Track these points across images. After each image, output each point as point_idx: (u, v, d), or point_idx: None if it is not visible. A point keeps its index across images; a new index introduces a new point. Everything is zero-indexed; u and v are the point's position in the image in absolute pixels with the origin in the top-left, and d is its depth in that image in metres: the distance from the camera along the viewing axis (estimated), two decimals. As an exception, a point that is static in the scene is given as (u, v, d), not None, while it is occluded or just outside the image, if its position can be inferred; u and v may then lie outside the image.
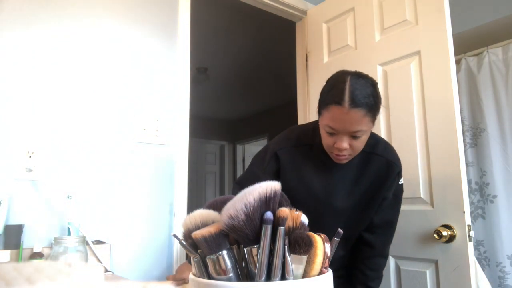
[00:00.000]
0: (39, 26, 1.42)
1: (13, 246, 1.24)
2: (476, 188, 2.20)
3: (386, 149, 1.19)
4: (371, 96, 0.99)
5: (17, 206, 1.30)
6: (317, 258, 0.54)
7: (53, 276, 0.17)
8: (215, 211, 0.60)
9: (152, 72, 1.68)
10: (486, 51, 2.23)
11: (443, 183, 1.49)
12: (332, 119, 1.00)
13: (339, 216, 1.15)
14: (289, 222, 0.55)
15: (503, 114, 2.15)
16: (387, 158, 1.17)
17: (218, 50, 3.67)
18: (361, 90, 0.98)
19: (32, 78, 1.39)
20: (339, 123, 0.99)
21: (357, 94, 0.97)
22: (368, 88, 1.00)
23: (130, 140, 1.58)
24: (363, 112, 0.98)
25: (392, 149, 1.23)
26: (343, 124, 0.99)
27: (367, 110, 0.98)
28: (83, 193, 1.44)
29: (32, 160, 1.34)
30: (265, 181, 0.56)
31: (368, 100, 0.98)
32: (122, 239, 1.50)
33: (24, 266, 0.20)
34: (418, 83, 1.63)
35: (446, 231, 1.44)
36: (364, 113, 0.98)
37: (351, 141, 1.02)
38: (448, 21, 1.54)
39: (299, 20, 2.34)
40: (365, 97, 0.98)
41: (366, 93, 0.98)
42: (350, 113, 0.97)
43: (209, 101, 5.11)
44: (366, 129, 1.02)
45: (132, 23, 1.65)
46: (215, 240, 0.53)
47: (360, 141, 1.04)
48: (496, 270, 2.06)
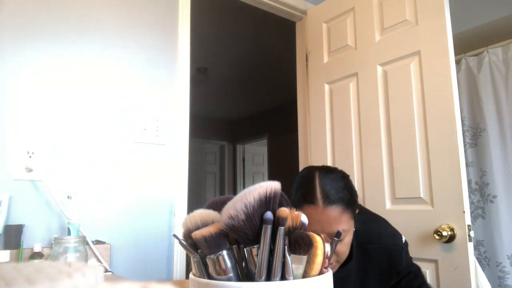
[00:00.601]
0: (39, 25, 1.42)
1: (13, 246, 1.24)
2: (476, 188, 2.20)
3: (381, 236, 1.08)
4: (345, 190, 0.92)
5: (17, 206, 1.30)
6: (317, 258, 0.54)
7: (53, 276, 0.17)
8: (215, 211, 0.60)
9: (152, 72, 1.68)
10: (486, 51, 2.23)
11: (443, 183, 1.49)
12: (309, 220, 0.93)
13: None
14: (289, 222, 0.55)
15: (503, 114, 2.15)
16: (385, 247, 1.06)
17: (218, 50, 3.67)
18: (333, 185, 0.91)
19: (32, 78, 1.39)
20: (316, 225, 0.88)
21: (329, 190, 0.90)
22: (339, 182, 0.93)
23: (130, 140, 1.58)
24: (340, 209, 0.89)
25: (386, 229, 1.12)
26: (321, 226, 0.88)
27: (344, 206, 0.90)
28: (83, 193, 1.44)
29: (32, 160, 1.34)
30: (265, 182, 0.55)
31: (343, 195, 0.91)
32: (122, 239, 1.50)
33: (24, 266, 0.20)
34: (418, 83, 1.63)
35: (446, 231, 1.44)
36: (341, 210, 0.89)
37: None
38: (448, 21, 1.54)
39: (299, 20, 2.34)
40: (338, 191, 0.90)
41: (339, 187, 0.92)
42: (326, 212, 0.88)
43: (209, 101, 5.11)
44: (348, 228, 0.92)
45: (132, 22, 1.65)
46: (215, 240, 0.53)
47: (344, 244, 0.93)
48: (496, 270, 2.06)
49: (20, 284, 0.16)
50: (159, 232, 1.61)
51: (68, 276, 0.18)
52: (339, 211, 0.89)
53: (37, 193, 1.35)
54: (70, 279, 0.17)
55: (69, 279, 0.17)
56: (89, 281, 0.18)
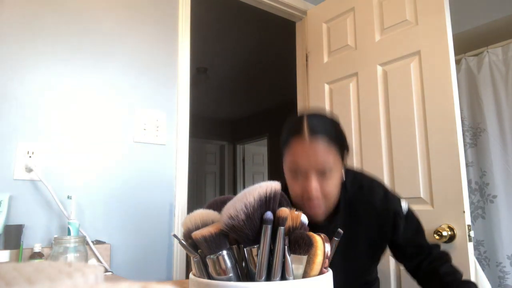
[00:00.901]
0: (39, 26, 1.42)
1: (13, 246, 1.24)
2: (476, 188, 2.20)
3: (371, 193, 1.04)
4: (332, 127, 0.93)
5: (17, 206, 1.30)
6: (317, 258, 0.54)
7: (53, 276, 0.17)
8: (215, 211, 0.60)
9: (152, 71, 1.68)
10: (486, 51, 2.23)
11: (443, 183, 1.49)
12: (294, 154, 0.90)
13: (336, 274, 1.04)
14: (289, 222, 0.55)
15: (503, 114, 2.15)
16: (375, 205, 1.03)
17: (218, 50, 3.67)
18: (320, 121, 0.93)
19: (31, 78, 1.39)
20: (302, 157, 0.89)
21: (315, 124, 0.90)
22: (327, 121, 0.95)
23: (130, 140, 1.58)
24: (325, 140, 0.89)
25: (378, 188, 1.07)
26: (307, 158, 0.88)
27: (329, 139, 0.89)
28: (83, 193, 1.44)
29: (32, 160, 1.34)
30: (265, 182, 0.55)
31: (330, 129, 0.91)
32: (122, 239, 1.50)
33: (24, 266, 0.20)
34: (418, 83, 1.63)
35: (446, 231, 1.44)
36: (327, 142, 0.89)
37: (321, 182, 0.89)
38: (448, 21, 1.54)
39: (299, 20, 2.34)
40: (325, 127, 0.91)
41: (327, 123, 0.93)
42: (312, 143, 0.88)
43: (209, 101, 5.11)
44: (334, 165, 0.90)
45: (132, 22, 1.65)
46: (215, 240, 0.53)
47: (331, 182, 0.91)
48: (496, 270, 2.06)
49: (20, 284, 0.16)
50: (159, 232, 1.61)
51: (68, 276, 0.18)
52: (324, 144, 0.89)
53: (37, 193, 1.35)
54: (70, 279, 0.17)
55: (69, 279, 0.17)
56: (89, 281, 0.18)
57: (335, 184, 0.92)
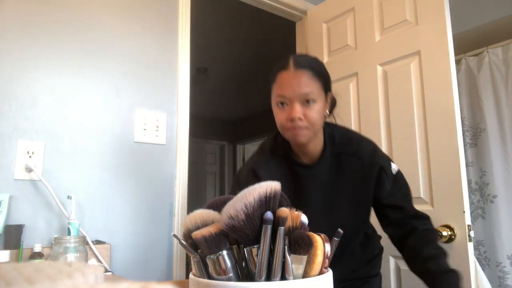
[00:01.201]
0: (39, 26, 1.42)
1: (13, 246, 1.24)
2: (476, 188, 2.20)
3: (359, 146, 1.09)
4: (316, 64, 1.01)
5: (17, 206, 1.30)
6: (317, 258, 0.54)
7: (53, 276, 0.17)
8: (215, 211, 0.60)
9: (152, 71, 1.68)
10: (486, 51, 2.23)
11: (443, 183, 1.49)
12: (280, 86, 0.98)
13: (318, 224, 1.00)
14: (289, 222, 0.55)
15: (503, 114, 2.15)
16: (361, 157, 1.06)
17: (218, 50, 3.66)
18: (305, 58, 1.03)
19: (31, 78, 1.39)
20: (288, 87, 0.97)
21: (300, 59, 1.00)
22: (312, 59, 1.04)
23: (130, 140, 1.58)
24: (309, 73, 0.97)
25: (367, 144, 1.11)
26: (292, 87, 0.97)
27: (313, 72, 0.98)
28: (83, 193, 1.44)
29: (32, 160, 1.34)
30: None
31: (314, 65, 1.00)
32: (122, 239, 1.50)
33: (24, 266, 0.20)
34: (418, 83, 1.63)
35: (446, 231, 1.44)
36: (310, 75, 0.98)
37: (304, 109, 0.97)
38: (448, 21, 1.54)
39: (299, 20, 2.34)
40: (309, 62, 1.00)
41: (310, 60, 1.02)
42: (297, 74, 0.97)
43: (209, 101, 5.11)
44: (317, 97, 0.98)
45: (132, 22, 1.65)
46: (215, 240, 0.53)
47: (314, 110, 0.98)
48: (496, 270, 2.06)
49: (20, 284, 0.16)
50: (159, 232, 1.61)
51: (68, 276, 0.18)
52: (308, 75, 0.98)
53: (37, 193, 1.35)
54: (70, 279, 0.17)
55: (69, 279, 0.17)
56: (89, 281, 0.18)
57: (317, 111, 0.99)
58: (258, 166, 1.12)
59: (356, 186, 1.06)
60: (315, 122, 0.99)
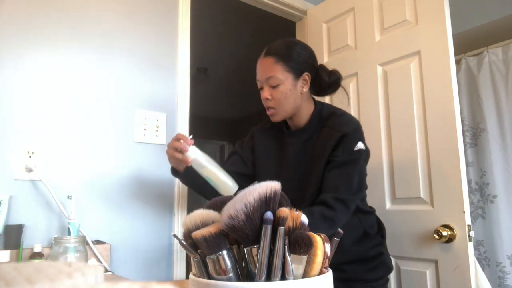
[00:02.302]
0: (39, 26, 1.42)
1: (13, 246, 1.24)
2: (476, 188, 2.20)
3: (339, 118, 1.17)
4: (285, 49, 1.14)
5: (17, 206, 1.30)
6: (317, 258, 0.54)
7: (53, 276, 0.17)
8: (215, 211, 0.60)
9: (152, 72, 1.68)
10: (486, 51, 2.23)
11: (443, 183, 1.49)
12: (257, 72, 1.19)
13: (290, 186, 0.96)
14: (289, 222, 0.55)
15: (503, 114, 2.15)
16: (332, 126, 1.15)
17: (218, 50, 3.66)
18: (279, 44, 1.17)
19: (32, 78, 1.39)
20: (259, 73, 1.18)
21: (272, 45, 1.16)
22: (286, 43, 1.17)
23: (130, 140, 1.58)
24: (272, 59, 1.13)
25: (343, 116, 1.18)
26: (260, 72, 1.18)
27: (277, 58, 1.13)
28: (83, 193, 1.44)
29: (32, 160, 1.34)
30: (265, 182, 0.55)
31: (280, 51, 1.14)
32: (122, 239, 1.50)
33: (24, 266, 0.20)
34: (418, 83, 1.63)
35: (446, 231, 1.44)
36: (274, 61, 1.13)
37: (271, 91, 1.15)
38: (448, 21, 1.54)
39: (299, 20, 2.34)
40: (278, 49, 1.15)
41: (282, 46, 1.16)
42: (263, 61, 1.17)
43: (209, 101, 5.11)
44: (282, 78, 1.13)
45: (131, 23, 1.65)
46: (215, 240, 0.53)
47: (279, 92, 1.14)
48: (496, 270, 2.06)
49: (20, 284, 0.16)
50: (159, 232, 1.61)
51: (68, 276, 0.18)
52: (271, 61, 1.15)
53: (37, 193, 1.35)
54: (70, 279, 0.17)
55: (69, 279, 0.17)
56: (89, 281, 0.18)
57: (281, 94, 1.14)
58: (258, 130, 1.37)
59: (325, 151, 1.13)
60: (282, 101, 1.15)
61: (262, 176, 1.24)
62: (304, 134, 1.21)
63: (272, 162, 1.27)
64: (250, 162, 1.33)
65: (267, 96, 1.15)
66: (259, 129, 1.37)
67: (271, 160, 1.28)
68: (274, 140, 1.30)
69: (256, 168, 1.31)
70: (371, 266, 1.20)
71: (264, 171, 1.27)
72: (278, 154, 1.26)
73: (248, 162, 1.33)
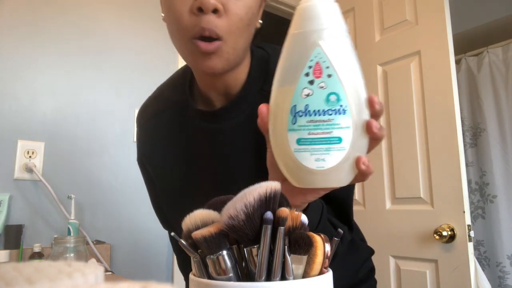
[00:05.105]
0: (39, 26, 1.42)
1: (13, 246, 1.24)
2: (476, 188, 2.20)
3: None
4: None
5: (17, 206, 1.30)
6: (317, 258, 0.54)
7: (53, 276, 0.17)
8: (215, 211, 0.60)
9: (152, 72, 1.67)
10: (486, 51, 2.23)
11: (443, 183, 1.49)
12: None
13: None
14: (289, 222, 0.55)
15: (503, 114, 2.15)
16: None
17: (218, 50, 3.66)
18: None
19: (32, 78, 1.39)
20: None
21: None
22: None
23: (130, 140, 1.58)
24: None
25: None
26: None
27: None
28: (83, 193, 1.44)
29: (32, 160, 1.34)
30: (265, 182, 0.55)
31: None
32: (122, 239, 1.50)
33: (24, 266, 0.19)
34: (418, 83, 1.63)
35: (446, 231, 1.44)
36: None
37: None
38: (448, 21, 1.54)
39: (299, 20, 2.33)
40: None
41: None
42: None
43: (209, 101, 5.11)
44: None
45: (131, 23, 1.65)
46: (215, 240, 0.53)
47: (244, 2, 0.57)
48: (496, 270, 2.06)
49: (20, 284, 0.16)
50: (159, 232, 1.61)
51: (68, 276, 0.18)
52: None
53: (37, 193, 1.35)
54: (70, 279, 0.17)
55: (69, 279, 0.17)
56: (89, 281, 0.18)
57: (247, 10, 0.57)
58: (146, 121, 0.78)
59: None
60: (240, 27, 0.57)
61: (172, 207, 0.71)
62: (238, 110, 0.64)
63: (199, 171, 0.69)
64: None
65: (216, 4, 0.53)
66: (147, 119, 0.77)
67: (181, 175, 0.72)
68: (188, 133, 0.69)
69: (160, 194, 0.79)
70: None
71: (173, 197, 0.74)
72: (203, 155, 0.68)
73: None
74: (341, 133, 0.42)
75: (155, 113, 0.75)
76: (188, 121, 0.68)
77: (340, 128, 0.41)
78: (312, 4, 0.43)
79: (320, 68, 0.42)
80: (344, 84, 0.42)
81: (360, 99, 0.42)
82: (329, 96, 0.41)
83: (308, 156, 0.44)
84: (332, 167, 0.43)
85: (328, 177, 0.44)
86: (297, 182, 0.47)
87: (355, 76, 0.43)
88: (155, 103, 0.79)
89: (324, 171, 0.44)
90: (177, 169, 0.71)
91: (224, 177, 0.64)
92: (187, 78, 0.71)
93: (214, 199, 0.65)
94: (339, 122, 0.41)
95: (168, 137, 0.71)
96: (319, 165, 0.43)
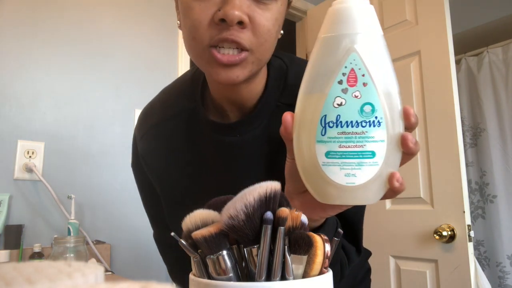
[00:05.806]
0: (39, 26, 1.42)
1: (13, 246, 1.24)
2: (476, 188, 2.20)
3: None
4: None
5: (17, 206, 1.30)
6: (317, 258, 0.54)
7: (53, 276, 0.17)
8: (215, 211, 0.60)
9: (152, 71, 1.67)
10: (486, 51, 2.23)
11: (443, 183, 1.49)
12: None
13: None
14: (289, 222, 0.55)
15: (503, 114, 2.15)
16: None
17: (218, 50, 3.66)
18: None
19: (32, 78, 1.39)
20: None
21: None
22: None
23: (130, 140, 1.58)
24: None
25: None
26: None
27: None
28: (83, 193, 1.44)
29: (32, 160, 1.34)
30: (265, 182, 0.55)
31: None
32: (122, 239, 1.50)
33: (24, 266, 0.19)
34: (418, 83, 1.63)
35: (446, 231, 1.44)
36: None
37: (253, 8, 0.50)
38: (448, 21, 1.54)
39: (299, 20, 2.34)
40: None
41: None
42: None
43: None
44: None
45: (131, 23, 1.65)
46: (215, 240, 0.53)
47: (271, 14, 0.52)
48: (496, 270, 2.06)
49: (20, 284, 0.16)
50: (159, 232, 1.61)
51: (68, 276, 0.18)
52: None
53: (37, 193, 1.35)
54: (70, 279, 0.17)
55: (69, 279, 0.17)
56: (89, 281, 0.18)
57: (274, 17, 0.53)
58: (152, 130, 0.72)
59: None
60: (267, 38, 0.53)
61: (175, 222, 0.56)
62: (255, 123, 0.62)
63: (208, 185, 0.67)
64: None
65: (241, 17, 0.48)
66: (152, 125, 0.72)
67: (200, 183, 0.68)
68: (187, 142, 0.67)
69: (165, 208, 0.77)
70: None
71: (173, 205, 0.73)
72: (211, 168, 0.66)
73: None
74: (375, 147, 0.38)
75: (161, 119, 0.70)
76: (197, 131, 0.65)
77: (374, 141, 0.38)
78: (347, 6, 0.40)
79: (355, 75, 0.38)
80: (380, 94, 0.39)
81: (395, 111, 0.40)
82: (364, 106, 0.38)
83: (337, 171, 0.40)
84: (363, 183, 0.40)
85: (357, 194, 0.41)
86: (322, 197, 0.44)
87: (391, 86, 0.41)
88: (162, 109, 0.72)
89: (354, 187, 0.40)
90: (180, 179, 0.70)
91: (232, 190, 0.59)
92: (197, 86, 0.67)
93: (214, 199, 0.65)
94: (373, 135, 0.38)
95: (173, 146, 0.68)
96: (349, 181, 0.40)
